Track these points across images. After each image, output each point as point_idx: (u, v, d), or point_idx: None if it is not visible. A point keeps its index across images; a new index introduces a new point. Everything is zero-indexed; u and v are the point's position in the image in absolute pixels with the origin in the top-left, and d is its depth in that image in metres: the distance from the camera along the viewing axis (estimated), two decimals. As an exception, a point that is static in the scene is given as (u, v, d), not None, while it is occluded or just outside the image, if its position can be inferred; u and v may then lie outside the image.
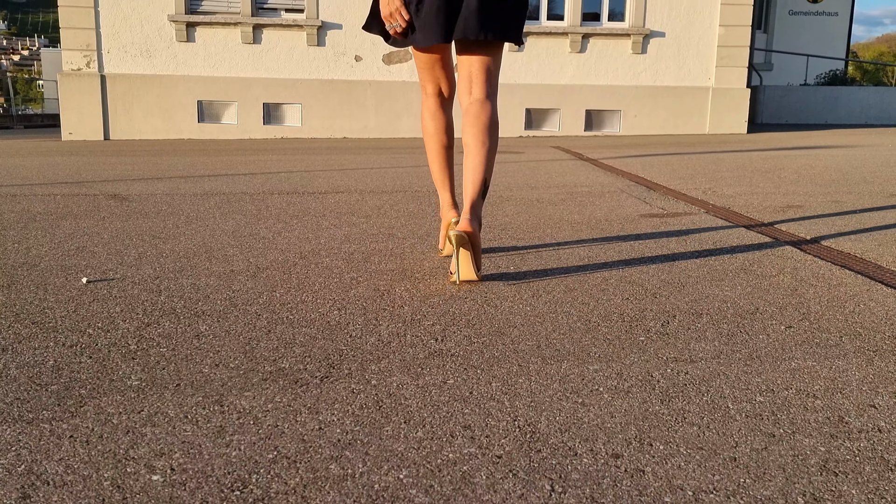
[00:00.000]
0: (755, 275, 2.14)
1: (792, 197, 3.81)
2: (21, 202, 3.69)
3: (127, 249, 2.52)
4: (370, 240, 2.70)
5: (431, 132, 2.31)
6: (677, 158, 6.22)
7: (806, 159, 6.00)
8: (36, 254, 2.45)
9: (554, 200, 3.74)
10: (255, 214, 3.33)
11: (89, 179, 4.77)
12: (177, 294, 1.94)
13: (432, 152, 2.32)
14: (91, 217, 3.24)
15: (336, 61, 9.70)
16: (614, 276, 2.11)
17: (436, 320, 1.71)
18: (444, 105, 2.32)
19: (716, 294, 1.93)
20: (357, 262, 2.33)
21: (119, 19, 9.34)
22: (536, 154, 6.96)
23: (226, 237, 2.76)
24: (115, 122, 9.52)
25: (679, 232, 2.83)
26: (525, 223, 3.05)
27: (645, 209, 3.44)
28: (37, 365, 1.42)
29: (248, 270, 2.21)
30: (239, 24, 9.46)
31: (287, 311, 1.78)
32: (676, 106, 10.01)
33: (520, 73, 9.90)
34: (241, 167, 5.68)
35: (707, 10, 9.76)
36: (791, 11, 14.71)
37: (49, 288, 2.00)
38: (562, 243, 2.61)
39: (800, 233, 2.82)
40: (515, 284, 2.03)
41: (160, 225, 3.03)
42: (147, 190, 4.19)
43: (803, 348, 1.51)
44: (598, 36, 9.87)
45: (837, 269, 2.19)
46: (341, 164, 6.02)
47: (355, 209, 3.49)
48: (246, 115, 9.68)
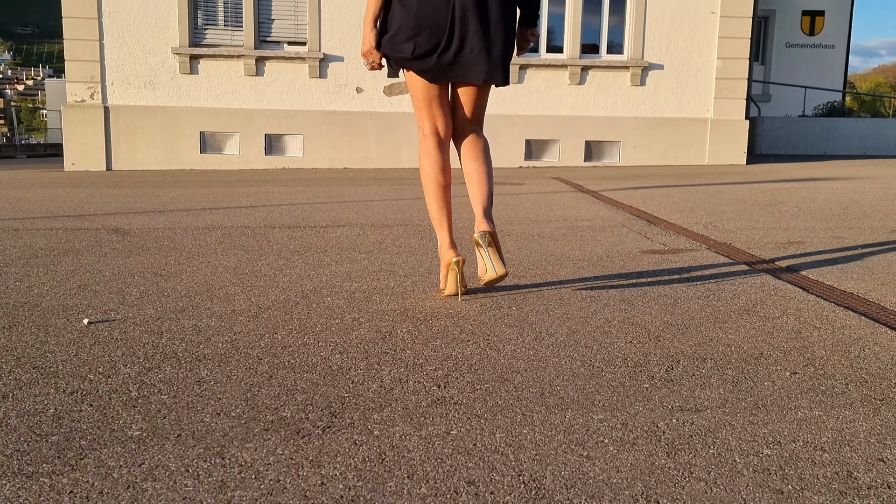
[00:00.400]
0: (758, 316, 2.13)
1: (793, 232, 3.82)
2: (23, 237, 3.69)
3: (128, 288, 2.52)
4: (371, 277, 2.70)
5: (429, 172, 2.33)
6: (677, 191, 6.25)
7: (806, 192, 6.03)
8: (38, 292, 2.44)
9: (555, 235, 3.74)
10: (256, 250, 3.33)
11: (91, 212, 4.78)
12: (178, 336, 1.93)
13: (430, 192, 2.35)
14: (93, 253, 3.24)
15: (337, 93, 9.78)
16: (617, 318, 2.10)
17: (438, 365, 1.70)
18: (441, 145, 2.36)
19: (719, 337, 1.92)
20: (359, 301, 2.33)
21: (123, 52, 9.44)
22: (536, 186, 6.99)
23: (227, 274, 2.76)
24: (117, 153, 9.57)
25: (681, 269, 2.83)
26: (527, 259, 3.05)
27: (646, 245, 3.45)
28: (37, 413, 1.41)
29: (249, 311, 2.20)
30: (242, 57, 9.56)
31: (289, 355, 1.77)
32: (675, 137, 10.08)
33: (519, 104, 9.99)
34: (243, 199, 5.70)
35: (705, 44, 9.88)
36: (788, 44, 14.87)
37: (50, 329, 1.99)
38: (564, 281, 2.61)
39: (802, 271, 2.82)
40: (518, 326, 2.02)
41: (162, 261, 3.03)
42: (149, 224, 4.19)
43: (809, 396, 1.50)
44: (597, 68, 9.97)
45: (841, 311, 2.18)
46: (342, 195, 6.04)
47: (356, 244, 3.49)
48: (248, 146, 9.74)
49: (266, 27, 9.70)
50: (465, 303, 2.29)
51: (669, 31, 9.89)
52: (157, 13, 9.45)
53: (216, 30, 9.68)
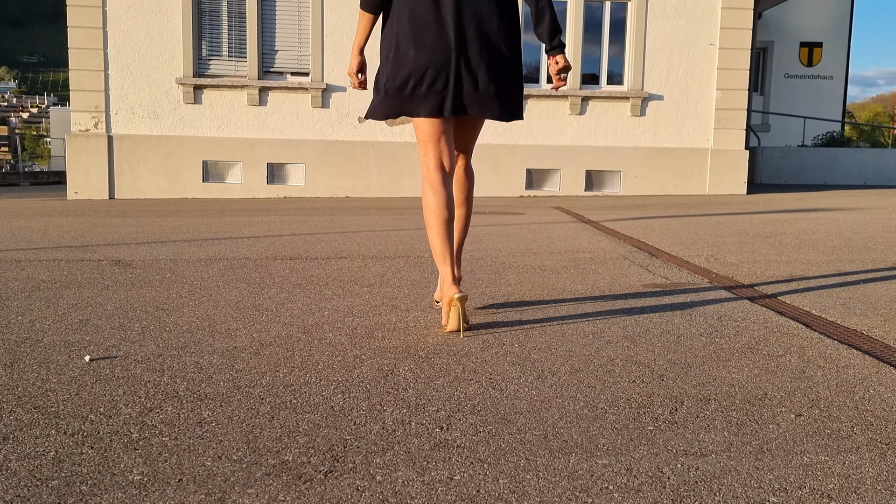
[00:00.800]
0: (762, 354, 2.12)
1: (794, 266, 3.82)
2: (26, 268, 3.70)
3: (130, 323, 2.52)
4: (373, 312, 2.70)
5: (435, 208, 2.33)
6: (678, 221, 6.26)
7: (806, 223, 6.04)
8: (39, 327, 2.44)
9: (556, 268, 3.74)
10: (258, 283, 3.33)
11: (93, 243, 4.79)
12: (179, 374, 1.93)
13: (434, 228, 2.34)
14: (95, 285, 3.24)
15: (339, 122, 9.87)
16: (620, 356, 2.10)
17: (441, 405, 1.69)
18: (445, 180, 2.37)
19: (723, 377, 1.91)
20: (360, 337, 2.32)
21: (128, 82, 9.54)
22: (537, 216, 7.01)
23: (229, 308, 2.76)
24: (120, 182, 9.63)
25: (683, 305, 2.82)
26: (528, 293, 3.05)
27: (648, 278, 3.45)
28: (38, 456, 1.40)
29: (251, 347, 2.20)
30: (245, 87, 9.66)
31: (290, 395, 1.76)
32: (676, 167, 10.13)
33: (520, 133, 10.06)
34: (245, 229, 5.72)
35: (704, 75, 9.98)
36: (787, 74, 15.02)
37: (52, 366, 1.99)
38: (566, 317, 2.61)
39: (804, 306, 2.81)
40: (520, 365, 2.01)
41: (164, 294, 3.03)
42: (151, 255, 4.20)
43: (814, 440, 1.49)
44: (598, 99, 10.06)
45: (845, 349, 2.18)
46: (344, 226, 6.06)
47: (358, 277, 3.49)
48: (250, 175, 9.80)
49: (270, 58, 9.81)
50: (467, 339, 2.28)
51: (669, 63, 10.00)
52: (161, 44, 9.57)
53: (220, 60, 9.80)
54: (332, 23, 9.68)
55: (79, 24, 9.33)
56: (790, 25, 14.80)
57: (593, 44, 10.17)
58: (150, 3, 9.45)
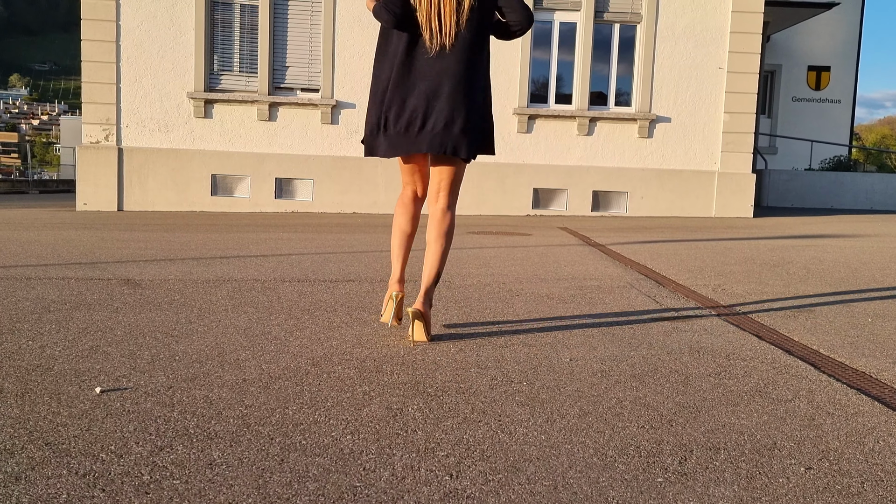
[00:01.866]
0: (770, 399, 2.12)
1: (802, 298, 3.82)
2: (36, 287, 3.72)
3: (140, 350, 2.53)
4: (381, 343, 2.70)
5: (399, 221, 2.83)
6: (685, 247, 6.26)
7: (813, 251, 6.03)
8: (50, 353, 2.45)
9: (564, 297, 3.75)
10: (266, 307, 3.34)
11: (103, 259, 4.81)
12: (189, 409, 1.93)
13: (395, 236, 2.83)
14: (104, 307, 3.25)
15: (349, 139, 9.91)
16: (628, 398, 2.10)
17: (450, 450, 1.69)
18: (415, 201, 2.85)
19: (732, 423, 1.91)
20: (369, 371, 2.33)
21: (139, 95, 9.62)
22: (544, 237, 7.02)
23: (238, 336, 2.77)
24: (129, 194, 9.68)
25: (691, 341, 2.82)
26: (537, 324, 3.05)
27: (655, 309, 3.45)
28: (49, 499, 1.41)
29: (260, 380, 2.20)
30: (256, 102, 9.72)
31: (300, 435, 1.77)
32: (683, 189, 10.14)
33: (528, 153, 10.09)
34: (253, 247, 5.74)
35: (712, 98, 10.01)
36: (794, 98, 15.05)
37: (62, 398, 2.00)
38: (574, 351, 2.61)
39: (812, 344, 2.81)
40: (529, 405, 2.02)
41: (173, 319, 3.05)
42: (160, 274, 4.22)
43: (825, 497, 1.49)
44: (605, 120, 10.09)
45: (854, 395, 2.17)
46: (351, 245, 6.08)
47: (366, 303, 3.50)
48: (258, 190, 9.84)
49: (280, 74, 9.88)
50: (475, 376, 2.29)
51: (677, 85, 10.03)
52: (173, 58, 9.65)
53: (231, 75, 9.87)
54: (342, 40, 9.76)
55: (93, 37, 9.42)
56: (798, 49, 14.85)
57: (602, 65, 10.21)
58: (164, 17, 9.54)
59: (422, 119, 2.61)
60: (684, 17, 9.90)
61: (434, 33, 2.61)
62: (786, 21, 12.73)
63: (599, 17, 9.99)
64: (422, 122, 2.61)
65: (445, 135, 2.61)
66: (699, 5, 9.89)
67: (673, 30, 9.92)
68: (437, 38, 2.61)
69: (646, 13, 9.90)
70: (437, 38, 2.61)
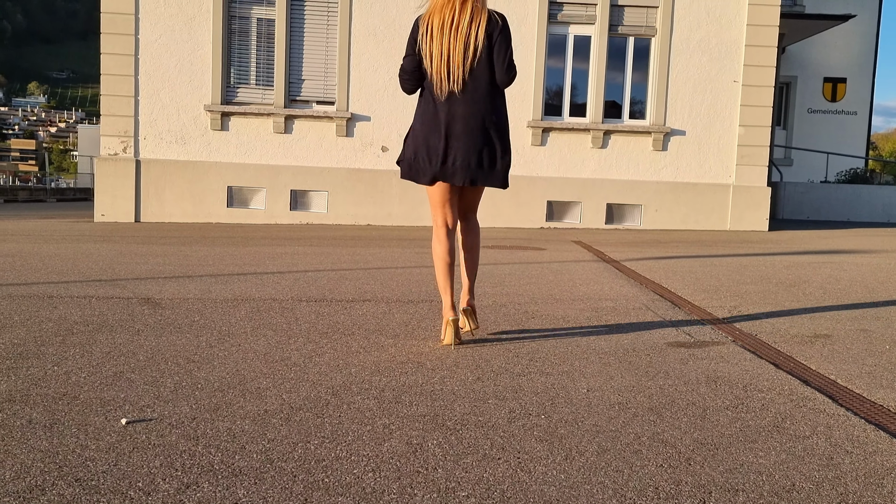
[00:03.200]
0: (788, 435, 2.13)
1: (819, 322, 3.81)
2: (58, 307, 3.78)
3: (163, 377, 2.57)
4: (399, 370, 2.73)
5: (440, 254, 3.15)
6: (700, 263, 6.25)
7: (830, 269, 6.01)
8: (75, 381, 2.50)
9: (579, 319, 3.76)
10: (285, 330, 3.38)
11: (122, 276, 4.88)
12: (213, 443, 1.97)
13: (439, 268, 3.14)
14: (126, 329, 3.30)
15: (363, 151, 9.98)
16: (646, 433, 2.11)
17: (471, 490, 1.71)
18: (449, 235, 3.16)
19: (750, 462, 1.92)
20: (388, 402, 2.36)
21: (157, 108, 9.73)
22: (558, 252, 7.03)
23: (258, 362, 2.81)
24: (146, 205, 9.79)
25: (707, 370, 2.83)
26: (553, 352, 3.07)
27: (671, 335, 3.45)
28: (81, 540, 1.44)
29: (281, 411, 2.24)
30: (272, 115, 9.81)
31: (322, 472, 1.80)
32: (697, 202, 10.12)
33: (542, 166, 10.11)
34: (269, 262, 5.79)
35: (727, 111, 9.99)
36: (810, 110, 14.99)
37: (90, 430, 2.04)
38: (591, 380, 2.62)
39: (830, 374, 2.81)
40: (548, 441, 2.03)
41: (193, 342, 3.09)
42: (179, 293, 4.27)
43: (844, 544, 1.50)
44: (620, 133, 10.10)
45: (872, 431, 2.17)
46: (367, 260, 6.12)
47: (383, 325, 3.53)
48: (273, 201, 9.92)
49: (296, 87, 9.97)
50: (494, 408, 2.31)
51: (692, 98, 10.03)
52: (191, 72, 9.76)
53: (248, 88, 9.97)
54: (358, 53, 9.83)
55: (112, 51, 9.55)
56: (814, 61, 14.80)
57: (616, 78, 10.23)
58: (182, 31, 9.66)
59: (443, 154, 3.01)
60: (699, 30, 9.90)
61: (443, 82, 2.97)
62: (801, 33, 12.69)
63: (614, 30, 10.01)
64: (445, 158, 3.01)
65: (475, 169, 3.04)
66: (714, 19, 9.88)
67: (688, 43, 9.92)
68: (447, 86, 2.97)
69: (660, 26, 9.91)
70: (446, 85, 2.97)
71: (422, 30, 2.98)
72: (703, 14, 9.88)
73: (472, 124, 3.00)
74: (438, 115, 3.00)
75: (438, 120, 3.00)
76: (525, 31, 9.88)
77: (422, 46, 2.98)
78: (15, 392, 2.36)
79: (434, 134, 3.01)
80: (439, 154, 3.01)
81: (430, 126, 3.02)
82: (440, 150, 3.00)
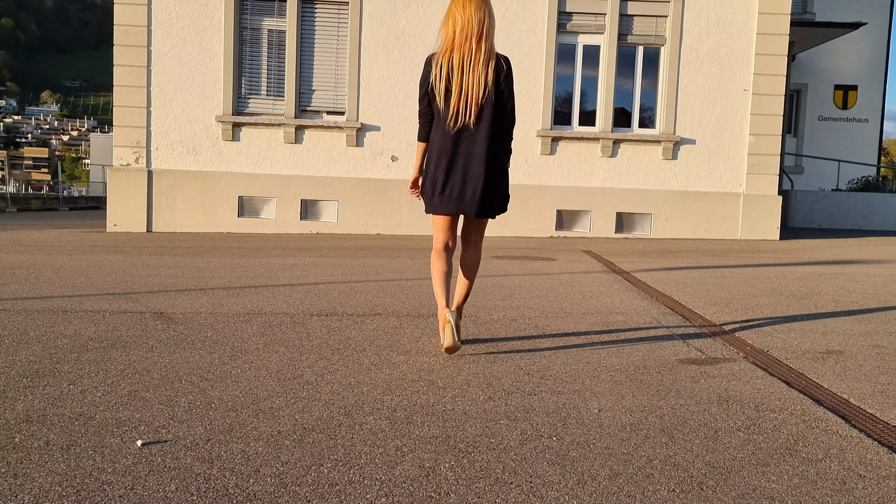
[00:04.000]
0: (801, 458, 2.13)
1: (831, 337, 3.80)
2: (73, 322, 3.82)
3: (177, 396, 2.59)
4: (411, 388, 2.74)
5: (437, 266, 3.36)
6: (711, 274, 6.24)
7: (842, 280, 5.98)
8: (91, 400, 2.53)
9: (590, 334, 3.76)
10: (297, 346, 3.40)
11: (135, 290, 4.92)
12: (228, 465, 1.99)
13: (436, 278, 3.35)
14: (140, 345, 3.34)
15: (373, 161, 10.02)
16: (658, 456, 2.12)
17: (483, 515, 1.72)
18: (447, 251, 3.39)
19: (763, 487, 1.92)
20: (400, 422, 2.37)
21: (169, 119, 9.81)
22: (568, 262, 7.03)
23: (270, 380, 2.83)
24: (158, 215, 9.86)
25: (719, 389, 2.83)
26: (563, 370, 3.07)
27: (683, 351, 3.45)
28: (99, 568, 1.46)
29: (294, 432, 2.25)
30: (282, 125, 9.87)
31: (335, 496, 1.81)
32: (707, 211, 10.10)
33: (551, 175, 10.12)
34: (280, 273, 5.83)
35: (737, 120, 9.97)
36: (821, 117, 14.93)
37: (106, 452, 2.06)
38: (602, 399, 2.63)
39: (842, 392, 2.80)
40: (560, 464, 2.04)
41: (206, 359, 3.12)
42: (191, 307, 4.31)
43: (857, 575, 1.50)
44: (629, 142, 10.10)
45: (885, 454, 2.17)
46: (377, 271, 6.14)
47: (394, 341, 3.55)
48: (284, 211, 9.97)
49: (307, 97, 10.03)
50: (506, 429, 2.32)
51: (702, 107, 10.02)
52: (203, 83, 9.83)
53: (259, 99, 10.04)
54: (368, 63, 9.88)
55: (124, 62, 9.64)
56: (825, 68, 14.74)
57: (625, 87, 10.23)
58: (194, 43, 9.74)
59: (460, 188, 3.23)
60: (708, 39, 9.89)
61: (460, 116, 3.15)
62: (811, 41, 12.66)
63: (623, 39, 10.02)
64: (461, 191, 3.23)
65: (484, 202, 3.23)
66: (724, 28, 9.88)
67: (697, 52, 9.92)
68: (462, 120, 3.16)
69: (670, 36, 9.91)
70: (462, 119, 3.16)
71: (436, 69, 3.15)
72: (713, 23, 9.88)
73: (477, 159, 3.19)
74: (446, 148, 3.21)
75: (448, 153, 3.21)
76: (534, 40, 9.91)
77: (435, 84, 3.15)
78: (32, 412, 2.39)
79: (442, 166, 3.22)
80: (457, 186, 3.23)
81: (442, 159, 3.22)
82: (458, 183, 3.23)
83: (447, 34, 3.16)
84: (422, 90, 3.24)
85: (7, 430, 2.22)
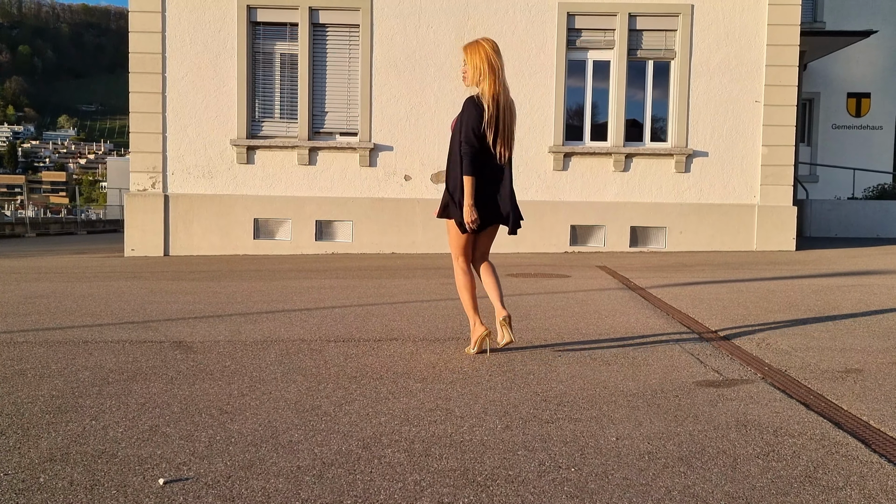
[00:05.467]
0: (821, 487, 2.11)
1: (850, 354, 3.77)
2: (94, 353, 3.87)
3: (197, 430, 2.62)
4: (428, 418, 2.76)
5: (465, 283, 3.86)
6: (726, 289, 6.21)
7: (859, 293, 5.93)
8: (113, 436, 2.56)
9: (606, 357, 3.76)
10: (314, 375, 3.43)
11: (154, 317, 4.98)
12: None
13: (464, 294, 3.84)
14: (160, 378, 3.38)
15: (387, 181, 10.08)
16: (677, 487, 2.11)
17: (503, 553, 1.73)
18: (468, 267, 3.91)
19: (783, 518, 1.91)
20: (418, 455, 2.38)
21: (184, 144, 9.94)
22: (583, 279, 7.02)
23: (289, 411, 2.85)
24: (175, 239, 9.96)
25: (737, 413, 2.81)
26: (580, 394, 3.07)
27: (700, 373, 3.44)
28: None
29: (314, 467, 2.27)
30: (296, 148, 9.97)
31: (356, 534, 1.82)
32: (722, 223, 10.06)
33: (564, 190, 10.13)
34: (297, 297, 5.87)
35: (750, 131, 9.95)
36: (834, 125, 14.85)
37: (129, 491, 2.09)
38: (620, 427, 2.63)
39: (862, 415, 2.78)
40: (579, 497, 2.04)
41: (225, 391, 3.15)
42: (210, 335, 4.35)
43: None
44: (642, 156, 10.09)
45: (907, 481, 2.15)
46: (392, 293, 6.17)
47: (411, 367, 3.56)
48: (299, 232, 10.04)
49: (320, 119, 10.12)
50: (523, 459, 2.32)
51: (714, 120, 10.00)
52: (217, 108, 9.96)
53: (272, 122, 10.15)
54: (380, 84, 9.97)
55: (140, 89, 9.80)
56: (837, 76, 14.68)
57: (637, 101, 10.24)
58: (207, 68, 9.88)
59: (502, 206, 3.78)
60: (719, 51, 9.89)
61: (505, 150, 3.73)
62: (823, 49, 12.61)
63: (633, 54, 10.04)
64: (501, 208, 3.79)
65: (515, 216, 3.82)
66: (734, 40, 9.88)
67: (707, 65, 9.92)
68: (506, 153, 3.75)
69: (679, 49, 9.93)
70: (506, 153, 3.75)
71: (491, 109, 3.64)
72: (723, 35, 9.88)
73: (508, 182, 3.82)
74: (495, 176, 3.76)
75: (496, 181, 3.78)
76: (544, 57, 9.96)
77: (489, 125, 3.65)
78: (55, 450, 2.43)
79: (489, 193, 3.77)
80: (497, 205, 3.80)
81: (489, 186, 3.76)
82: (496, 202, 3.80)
83: (490, 78, 3.63)
84: (476, 131, 3.65)
85: (32, 470, 2.26)
